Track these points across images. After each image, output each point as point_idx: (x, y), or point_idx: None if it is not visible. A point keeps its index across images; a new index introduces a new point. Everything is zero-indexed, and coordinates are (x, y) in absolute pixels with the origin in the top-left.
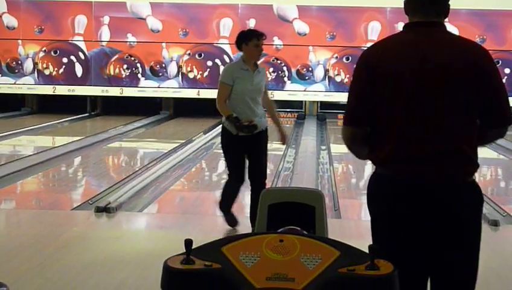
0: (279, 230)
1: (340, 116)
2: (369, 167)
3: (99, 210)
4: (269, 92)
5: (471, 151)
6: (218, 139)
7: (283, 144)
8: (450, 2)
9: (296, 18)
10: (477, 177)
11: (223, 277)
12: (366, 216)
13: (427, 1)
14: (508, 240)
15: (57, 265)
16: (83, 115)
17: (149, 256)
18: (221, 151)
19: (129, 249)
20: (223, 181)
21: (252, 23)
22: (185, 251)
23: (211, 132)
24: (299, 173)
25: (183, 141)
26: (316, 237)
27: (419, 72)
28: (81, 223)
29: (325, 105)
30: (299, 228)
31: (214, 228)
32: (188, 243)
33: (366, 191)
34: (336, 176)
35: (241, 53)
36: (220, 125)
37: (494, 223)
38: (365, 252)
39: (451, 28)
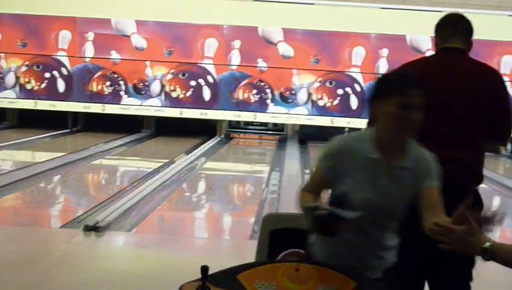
0: (283, 253)
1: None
2: None
3: (88, 229)
4: (252, 114)
5: (482, 165)
6: (201, 161)
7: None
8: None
9: (281, 40)
10: None
11: None
12: None
13: (459, 29)
14: None
15: (51, 284)
16: (64, 131)
17: (142, 277)
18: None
19: (122, 269)
20: (205, 202)
21: (236, 45)
22: (199, 277)
23: (193, 153)
24: (286, 196)
25: (166, 161)
26: (332, 266)
27: (450, 93)
28: (70, 241)
29: (306, 129)
30: (302, 251)
31: (204, 249)
32: (204, 269)
33: None
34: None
35: None
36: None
37: None
38: (382, 283)
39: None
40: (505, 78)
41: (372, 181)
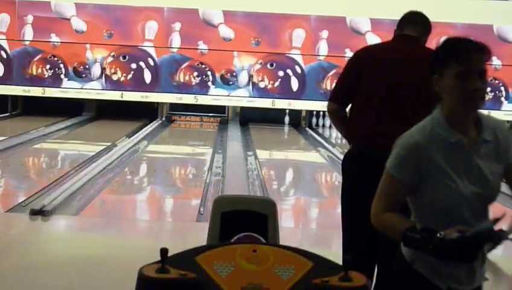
0: (236, 237)
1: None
2: (297, 172)
3: (34, 213)
4: (193, 96)
5: None
6: (143, 144)
7: None
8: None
9: (221, 23)
10: None
11: (199, 286)
12: (302, 223)
13: (413, 21)
14: None
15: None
16: (4, 115)
17: (90, 260)
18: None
19: (70, 253)
20: (149, 185)
21: (177, 27)
22: (159, 259)
23: (134, 136)
24: (229, 178)
25: (108, 144)
26: (289, 247)
27: (392, 75)
28: (16, 225)
29: (247, 110)
30: (256, 235)
31: (150, 232)
32: (164, 252)
33: (295, 196)
34: (267, 181)
35: None
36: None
37: None
38: (338, 263)
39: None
40: None
41: (465, 168)
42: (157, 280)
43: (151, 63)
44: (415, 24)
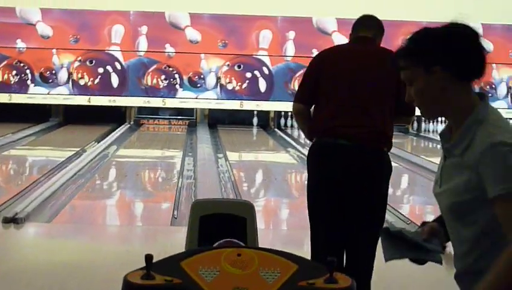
0: (217, 243)
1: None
2: (268, 173)
3: (7, 221)
4: (161, 99)
5: (390, 132)
6: (112, 149)
7: None
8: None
9: (188, 26)
10: None
11: None
12: (273, 224)
13: (367, 24)
14: None
15: None
16: None
17: (66, 267)
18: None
19: (43, 260)
20: (121, 190)
21: (144, 30)
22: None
23: (103, 140)
24: (202, 181)
25: (77, 149)
26: (274, 250)
27: (353, 73)
28: None
29: (215, 112)
30: (236, 240)
31: (125, 237)
32: (148, 258)
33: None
34: (238, 183)
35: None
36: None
37: None
38: (322, 265)
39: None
40: None
41: (440, 171)
42: (142, 287)
43: (118, 67)
44: (369, 27)
